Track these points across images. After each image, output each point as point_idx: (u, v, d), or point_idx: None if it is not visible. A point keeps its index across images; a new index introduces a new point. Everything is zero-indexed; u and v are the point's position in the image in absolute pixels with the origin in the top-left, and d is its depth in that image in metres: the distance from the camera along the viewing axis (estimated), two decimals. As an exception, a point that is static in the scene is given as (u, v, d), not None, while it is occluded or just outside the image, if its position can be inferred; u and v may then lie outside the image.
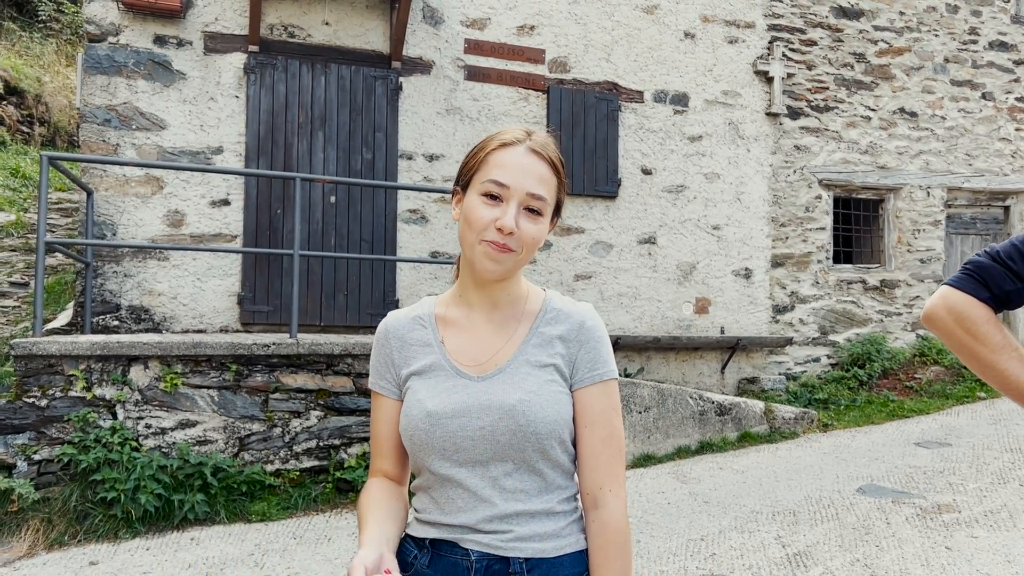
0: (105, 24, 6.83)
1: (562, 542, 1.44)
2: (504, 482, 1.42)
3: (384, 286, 7.53)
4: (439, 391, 1.45)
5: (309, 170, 7.29)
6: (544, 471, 1.44)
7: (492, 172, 1.43)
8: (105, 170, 6.75)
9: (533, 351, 1.47)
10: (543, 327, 1.50)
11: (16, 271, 7.65)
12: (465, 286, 1.54)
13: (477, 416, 1.42)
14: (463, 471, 1.42)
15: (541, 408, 1.41)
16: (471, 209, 1.43)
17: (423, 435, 1.43)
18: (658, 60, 8.81)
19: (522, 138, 1.45)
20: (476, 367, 1.47)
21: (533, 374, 1.45)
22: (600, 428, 1.47)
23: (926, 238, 10.03)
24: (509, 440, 1.40)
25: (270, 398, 5.66)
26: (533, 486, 1.43)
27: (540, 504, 1.43)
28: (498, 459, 1.42)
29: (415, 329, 1.55)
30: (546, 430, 1.41)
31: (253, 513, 5.33)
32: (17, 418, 5.05)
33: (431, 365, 1.49)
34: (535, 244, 1.44)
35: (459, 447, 1.42)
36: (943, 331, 1.77)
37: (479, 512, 1.42)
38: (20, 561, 4.58)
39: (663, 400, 7.06)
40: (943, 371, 9.40)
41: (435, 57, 7.89)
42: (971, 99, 10.30)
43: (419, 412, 1.44)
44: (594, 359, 1.49)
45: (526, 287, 1.56)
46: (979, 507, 5.44)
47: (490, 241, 1.40)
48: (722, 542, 4.87)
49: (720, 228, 9.03)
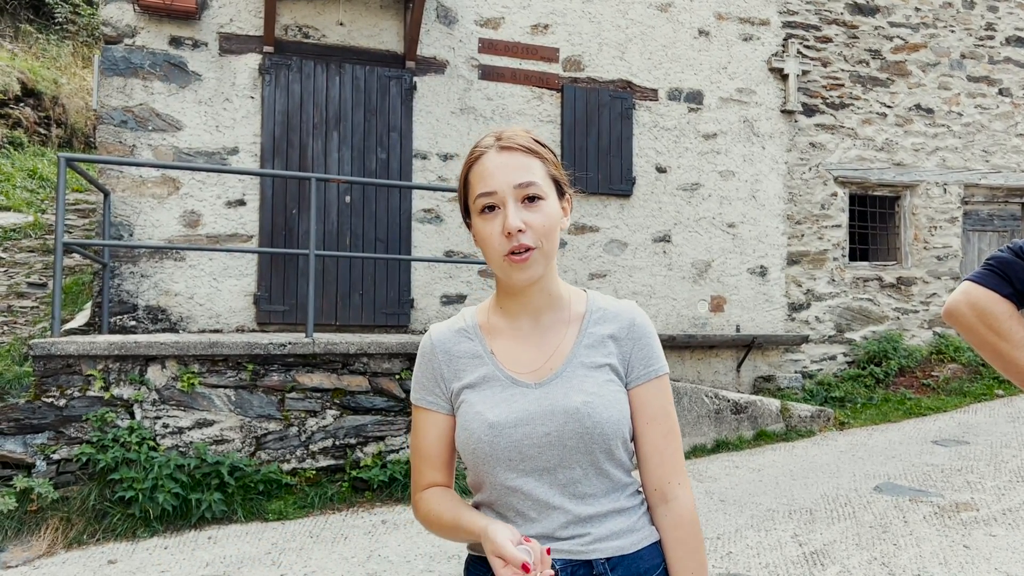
0: (121, 26, 6.88)
1: (638, 536, 1.45)
2: (573, 487, 1.42)
3: (399, 285, 7.55)
4: (497, 401, 1.44)
5: (324, 170, 7.31)
6: (610, 471, 1.44)
7: (477, 188, 1.43)
8: (122, 171, 6.79)
9: (586, 352, 1.47)
10: (592, 327, 1.50)
11: (34, 272, 7.72)
12: (502, 298, 1.53)
13: (541, 423, 1.40)
14: (531, 480, 1.41)
15: (605, 408, 1.41)
16: (479, 232, 1.44)
17: (487, 447, 1.41)
18: (672, 58, 8.79)
19: (490, 144, 1.46)
20: (531, 374, 1.46)
21: (591, 375, 1.45)
22: (661, 423, 1.48)
23: (943, 235, 9.96)
24: (576, 444, 1.40)
25: (286, 397, 5.68)
26: (601, 487, 1.43)
27: (610, 504, 1.44)
28: (565, 464, 1.41)
29: (461, 342, 1.53)
30: (612, 430, 1.41)
31: (270, 512, 5.35)
32: (36, 418, 5.09)
33: (485, 377, 1.47)
34: (550, 230, 1.43)
35: (525, 456, 1.40)
36: (964, 327, 1.75)
37: (554, 520, 1.41)
38: (40, 560, 4.62)
39: (679, 399, 7.04)
40: (960, 369, 9.33)
41: (449, 57, 7.90)
42: (988, 95, 10.22)
43: (480, 424, 1.42)
44: (648, 356, 1.50)
45: (566, 289, 1.56)
46: (997, 505, 5.40)
47: (508, 255, 1.40)
48: (738, 540, 4.86)
49: (735, 226, 8.99)
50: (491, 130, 1.52)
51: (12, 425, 5.03)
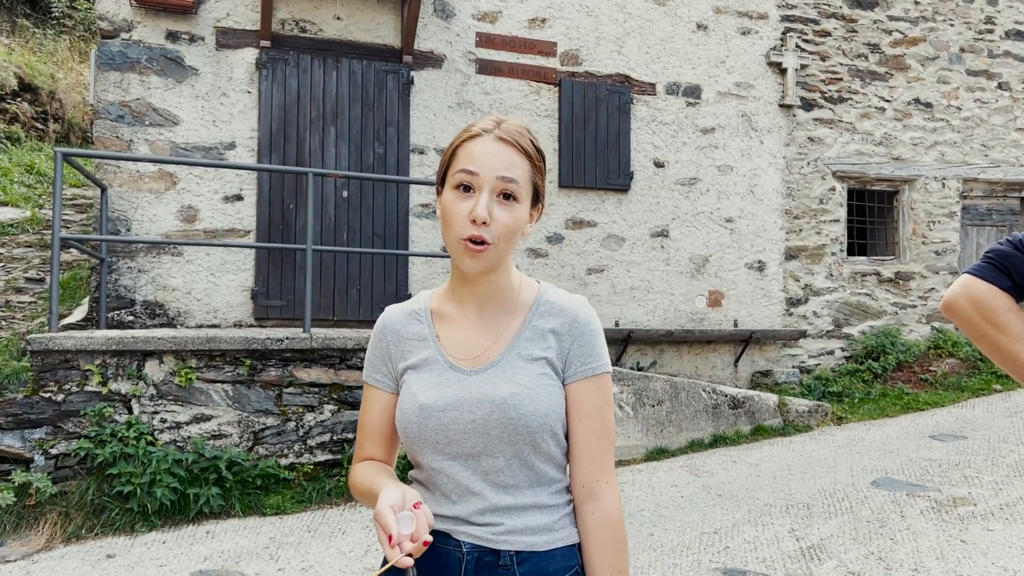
0: (118, 20, 6.86)
1: (553, 536, 1.45)
2: (495, 476, 1.43)
3: (397, 280, 7.55)
4: (432, 385, 1.47)
5: (322, 165, 7.30)
6: (536, 464, 1.45)
7: (461, 163, 1.43)
8: (119, 166, 6.78)
9: (525, 344, 1.48)
10: (536, 320, 1.50)
11: (32, 267, 7.71)
12: (455, 281, 1.54)
13: (469, 409, 1.43)
14: (455, 464, 1.44)
15: (532, 401, 1.42)
16: (446, 205, 1.44)
17: (416, 428, 1.45)
18: (670, 52, 8.77)
19: (490, 128, 1.46)
20: (469, 361, 1.48)
21: (525, 367, 1.45)
22: (593, 422, 1.47)
23: (941, 230, 9.96)
24: (500, 433, 1.42)
25: (284, 392, 5.68)
26: (524, 479, 1.44)
27: (531, 497, 1.45)
28: (489, 452, 1.43)
29: (411, 324, 1.56)
30: (537, 423, 1.42)
31: (268, 507, 5.36)
32: (34, 413, 5.09)
33: (426, 359, 1.50)
34: (512, 233, 1.43)
35: (451, 440, 1.43)
36: (963, 320, 1.74)
37: (471, 504, 1.44)
38: (38, 554, 4.63)
39: (676, 393, 7.05)
40: (958, 363, 9.34)
41: (446, 51, 7.88)
42: (987, 89, 10.21)
43: (412, 405, 1.46)
44: (587, 353, 1.49)
45: (518, 280, 1.55)
46: (995, 500, 5.41)
47: (465, 240, 1.40)
48: (736, 535, 4.87)
49: (733, 221, 8.99)
50: (493, 116, 1.52)
51: (10, 420, 5.03)
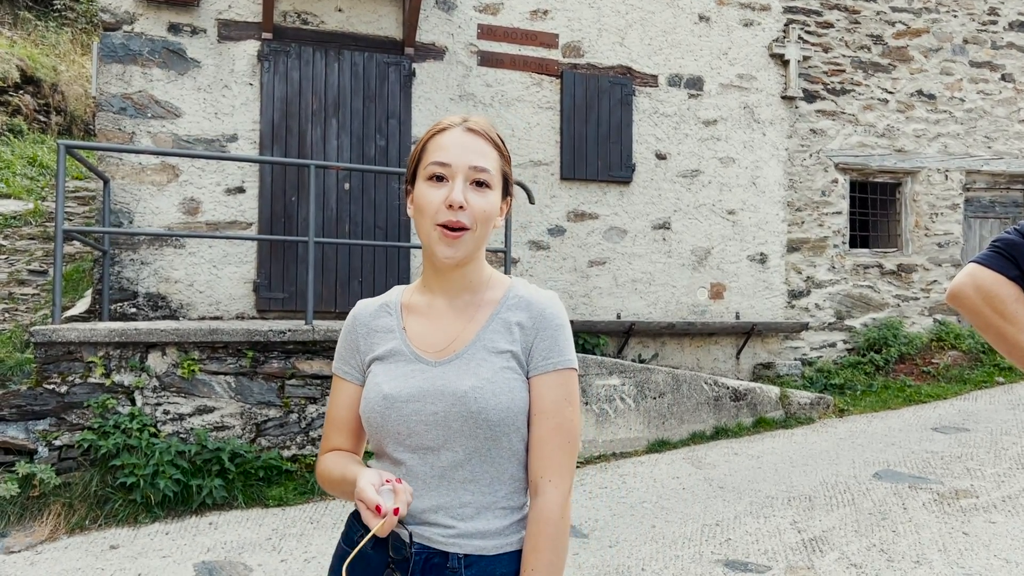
0: (120, 12, 6.85)
1: (502, 541, 1.43)
2: (453, 471, 1.42)
3: (398, 272, 7.55)
4: (397, 375, 1.47)
5: (323, 157, 7.30)
6: (497, 460, 1.43)
7: (433, 155, 1.46)
8: (121, 158, 6.78)
9: (492, 337, 1.47)
10: (504, 313, 1.50)
11: (35, 259, 7.72)
12: (427, 274, 1.55)
13: (431, 401, 1.42)
14: (415, 457, 1.44)
15: (494, 395, 1.41)
16: (420, 196, 1.45)
17: (379, 418, 1.45)
18: (672, 44, 8.75)
19: (458, 122, 1.49)
20: (435, 352, 1.48)
21: (489, 360, 1.44)
22: (550, 417, 1.45)
23: (944, 222, 9.94)
24: (461, 427, 1.41)
25: (286, 384, 5.69)
26: (484, 476, 1.43)
27: (489, 495, 1.43)
28: (449, 446, 1.42)
29: (381, 316, 1.56)
30: (498, 417, 1.40)
31: (270, 498, 5.37)
32: (38, 404, 5.11)
33: (392, 350, 1.50)
34: (488, 218, 1.45)
35: (412, 431, 1.43)
36: (970, 310, 1.73)
37: (425, 500, 1.42)
38: (42, 545, 4.65)
39: (678, 386, 7.05)
40: (961, 356, 9.34)
41: (448, 43, 7.87)
42: (990, 81, 10.17)
43: (376, 395, 1.46)
44: (550, 347, 1.47)
45: (488, 273, 1.55)
46: (997, 492, 5.41)
47: (442, 225, 1.41)
48: (737, 527, 4.88)
49: (735, 213, 8.98)
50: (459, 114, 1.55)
51: (14, 411, 5.04)
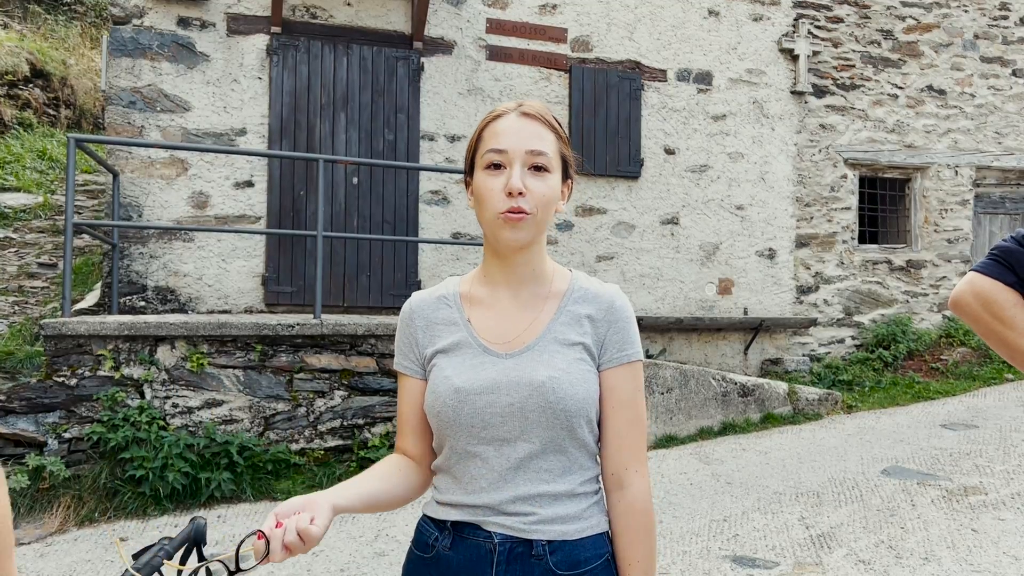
0: (129, 6, 6.86)
1: (583, 524, 1.43)
2: (529, 462, 1.41)
3: (407, 267, 7.56)
4: (466, 368, 1.44)
5: (332, 151, 7.30)
6: (569, 450, 1.43)
7: (489, 143, 1.46)
8: (130, 152, 6.80)
9: (561, 329, 1.46)
10: (571, 306, 1.49)
11: (44, 252, 7.75)
12: (489, 265, 1.53)
13: (506, 392, 1.40)
14: (489, 449, 1.42)
15: (571, 385, 1.40)
16: (479, 186, 1.45)
17: (451, 412, 1.42)
18: (681, 38, 8.72)
19: (512, 107, 1.49)
20: (504, 344, 1.46)
21: (562, 352, 1.44)
22: (627, 409, 1.46)
23: (953, 218, 9.90)
24: (539, 417, 1.40)
25: (295, 378, 5.71)
26: (558, 466, 1.43)
27: (564, 485, 1.42)
28: (525, 437, 1.41)
29: (440, 308, 1.54)
30: (575, 408, 1.40)
31: (278, 491, 5.39)
32: (48, 397, 5.13)
33: (458, 343, 1.48)
34: (548, 202, 1.44)
35: (487, 424, 1.41)
36: (970, 317, 1.77)
37: (503, 492, 1.41)
38: (52, 537, 4.67)
39: (686, 381, 7.04)
40: (970, 352, 9.30)
41: (456, 37, 7.86)
42: (1001, 76, 10.11)
43: (447, 388, 1.43)
44: (623, 340, 1.48)
45: (552, 266, 1.55)
46: (1006, 489, 5.40)
47: (504, 213, 1.41)
48: (745, 523, 4.87)
49: (744, 208, 8.95)
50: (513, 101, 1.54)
51: (24, 404, 5.07)
